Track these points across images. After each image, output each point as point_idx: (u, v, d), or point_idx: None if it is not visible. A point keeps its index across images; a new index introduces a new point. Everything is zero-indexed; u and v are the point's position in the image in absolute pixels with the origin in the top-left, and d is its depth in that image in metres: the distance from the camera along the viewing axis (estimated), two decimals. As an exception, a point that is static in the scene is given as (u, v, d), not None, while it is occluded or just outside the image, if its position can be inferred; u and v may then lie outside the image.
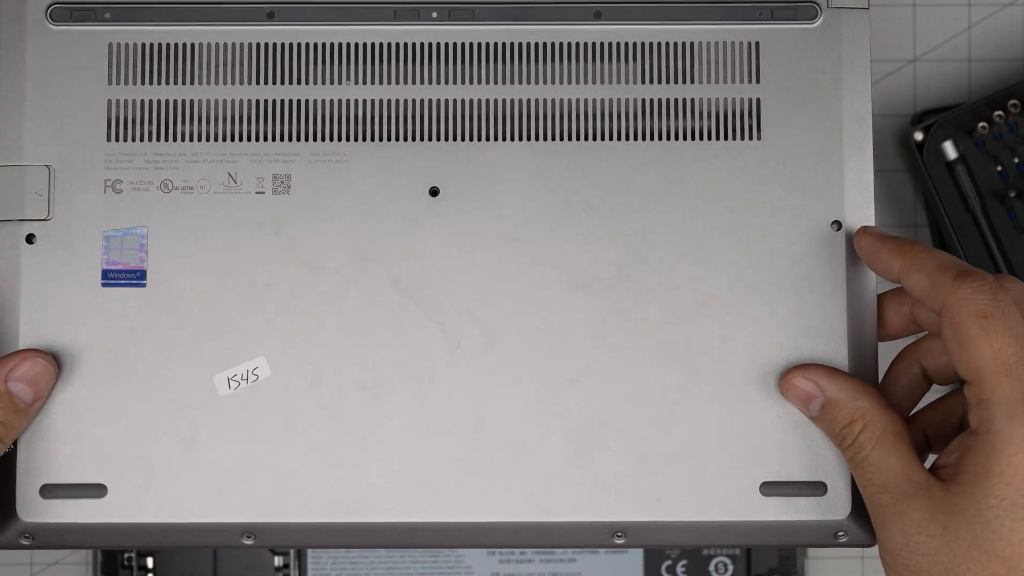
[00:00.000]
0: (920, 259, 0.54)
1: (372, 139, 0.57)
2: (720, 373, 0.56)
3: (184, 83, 0.57)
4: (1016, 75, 0.72)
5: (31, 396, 0.55)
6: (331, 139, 0.57)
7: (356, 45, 0.58)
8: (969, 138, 0.68)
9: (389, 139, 0.57)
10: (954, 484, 0.51)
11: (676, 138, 0.57)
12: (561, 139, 0.57)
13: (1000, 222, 0.68)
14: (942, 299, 0.52)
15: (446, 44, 0.58)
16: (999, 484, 0.50)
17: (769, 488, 0.56)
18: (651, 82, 0.58)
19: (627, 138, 0.57)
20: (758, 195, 0.57)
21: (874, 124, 0.61)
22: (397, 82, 0.58)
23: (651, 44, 0.58)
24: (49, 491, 0.56)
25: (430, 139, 0.57)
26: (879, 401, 0.54)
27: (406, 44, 0.58)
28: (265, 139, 0.57)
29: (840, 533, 0.56)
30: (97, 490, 0.56)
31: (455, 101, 0.58)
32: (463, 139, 0.57)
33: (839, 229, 0.57)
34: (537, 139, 0.57)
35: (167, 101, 0.57)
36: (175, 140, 0.57)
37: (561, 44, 0.58)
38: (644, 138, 0.57)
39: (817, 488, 0.56)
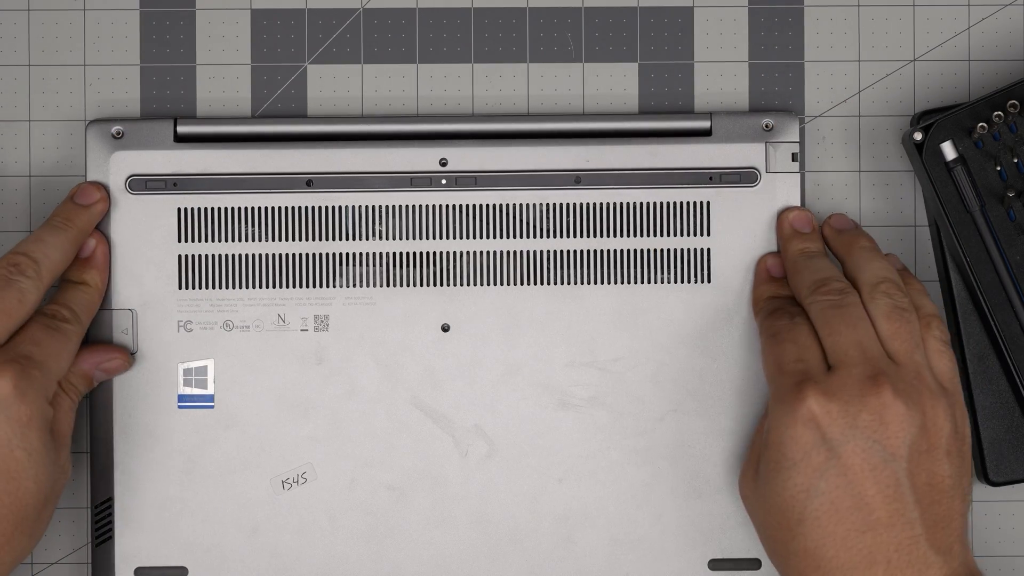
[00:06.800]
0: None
1: (394, 284, 0.70)
2: (676, 473, 0.70)
3: (240, 240, 0.70)
4: (1016, 75, 0.72)
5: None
6: (361, 285, 0.70)
7: (380, 207, 0.70)
8: (968, 138, 0.68)
9: (408, 284, 0.70)
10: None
11: (641, 281, 0.70)
12: (549, 283, 0.70)
13: (999, 222, 0.68)
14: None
15: (454, 206, 0.70)
16: (766, 454, 0.64)
17: (715, 563, 0.70)
18: (621, 235, 0.70)
19: (602, 282, 0.70)
20: (708, 329, 0.70)
21: (874, 124, 0.72)
22: (414, 237, 0.70)
23: (622, 204, 0.70)
24: (141, 573, 0.70)
25: (441, 284, 0.70)
26: None
27: (422, 206, 0.70)
28: (307, 286, 0.70)
29: (771, 598, 0.71)
30: (180, 572, 0.70)
31: (461, 253, 0.70)
32: (468, 284, 0.70)
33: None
34: (529, 283, 0.70)
35: (227, 256, 0.70)
36: (234, 288, 0.70)
37: (548, 205, 0.70)
38: (615, 282, 0.70)
39: (753, 563, 0.70)
